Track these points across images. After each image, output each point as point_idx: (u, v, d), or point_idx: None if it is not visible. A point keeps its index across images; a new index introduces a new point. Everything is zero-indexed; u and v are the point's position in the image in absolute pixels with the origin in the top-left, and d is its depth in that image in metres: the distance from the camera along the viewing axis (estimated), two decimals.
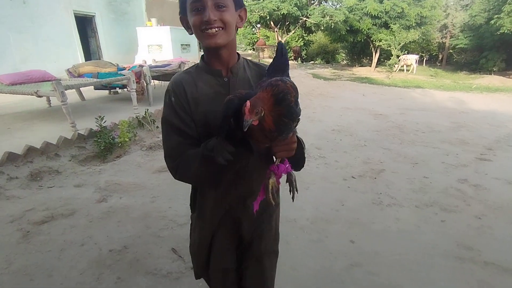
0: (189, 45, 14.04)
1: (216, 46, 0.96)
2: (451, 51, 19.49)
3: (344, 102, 8.48)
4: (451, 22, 18.57)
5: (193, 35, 0.99)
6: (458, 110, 7.73)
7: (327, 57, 24.75)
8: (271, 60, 1.02)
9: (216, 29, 0.93)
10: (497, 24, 13.69)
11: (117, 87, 6.76)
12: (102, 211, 2.78)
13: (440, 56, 20.93)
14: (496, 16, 13.97)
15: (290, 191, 0.98)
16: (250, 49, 26.47)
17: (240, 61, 1.08)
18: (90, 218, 2.70)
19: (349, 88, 11.30)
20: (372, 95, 9.96)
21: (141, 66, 6.62)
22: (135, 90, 5.54)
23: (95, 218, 2.69)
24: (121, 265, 2.14)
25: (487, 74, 15.12)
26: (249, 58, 1.22)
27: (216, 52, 1.01)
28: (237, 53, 1.08)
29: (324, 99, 8.92)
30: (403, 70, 16.68)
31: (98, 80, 5.21)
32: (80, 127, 4.20)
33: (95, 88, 6.60)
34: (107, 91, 7.15)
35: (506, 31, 13.30)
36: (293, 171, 0.97)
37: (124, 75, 5.46)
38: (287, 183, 0.99)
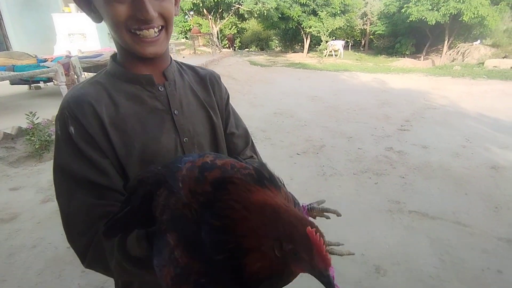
0: None
1: (155, 57, 0.68)
2: (371, 37, 21.43)
3: (282, 87, 8.89)
4: (370, 10, 20.34)
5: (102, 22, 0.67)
6: (381, 90, 8.69)
7: (261, 44, 25.28)
8: (206, 49, 0.80)
9: (156, 30, 0.65)
10: (406, 13, 15.42)
11: (41, 80, 6.12)
12: (50, 211, 2.63)
13: (363, 42, 22.88)
14: (405, 5, 15.71)
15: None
16: (183, 38, 25.66)
17: (173, 63, 0.79)
18: (37, 219, 2.54)
19: (285, 73, 11.82)
20: (306, 79, 10.58)
21: (68, 57, 6.08)
22: (64, 84, 5.12)
23: (43, 219, 2.54)
24: None
25: (401, 57, 17.04)
26: (182, 47, 0.88)
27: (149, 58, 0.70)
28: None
29: (264, 85, 9.23)
30: (331, 55, 17.88)
31: (17, 73, 4.69)
32: (1, 127, 3.78)
33: (12, 83, 5.86)
34: (26, 86, 6.42)
35: (414, 19, 15.08)
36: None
37: (49, 67, 4.99)
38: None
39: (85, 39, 11.98)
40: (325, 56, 17.40)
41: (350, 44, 22.89)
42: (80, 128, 0.64)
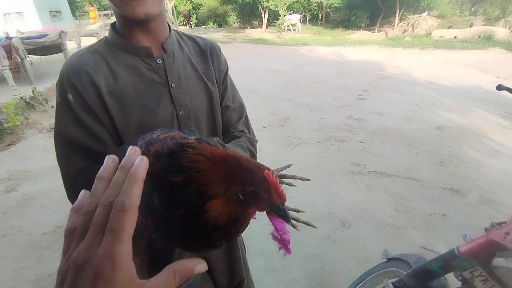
0: (59, 11, 12.06)
1: (146, 18, 0.67)
2: (328, 10, 21.65)
3: (244, 63, 8.84)
4: None
5: None
6: (339, 62, 8.98)
7: (219, 20, 24.49)
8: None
9: None
10: None
11: None
12: (16, 200, 2.54)
13: (320, 15, 23.08)
14: None
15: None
16: None
17: (172, 34, 0.79)
18: (2, 210, 2.45)
19: (246, 49, 11.70)
20: (267, 54, 10.59)
21: (8, 38, 5.56)
22: (8, 67, 4.73)
23: (9, 209, 2.45)
24: (61, 242, 2.09)
25: (357, 30, 17.51)
26: None
27: (143, 24, 0.70)
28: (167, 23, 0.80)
29: None
30: (290, 29, 17.90)
31: None
32: None
33: None
34: None
35: None
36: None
37: None
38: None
39: (22, 18, 10.89)
40: (284, 30, 17.39)
41: (307, 18, 22.99)
42: (78, 97, 0.66)
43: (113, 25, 0.75)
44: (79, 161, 0.67)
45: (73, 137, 0.67)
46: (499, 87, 0.84)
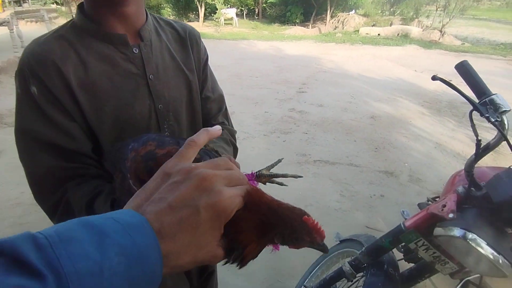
0: None
1: (123, 4, 0.62)
2: (264, 5, 22.04)
3: None
4: None
5: None
6: (278, 56, 9.22)
7: (152, 12, 23.28)
8: None
9: None
10: None
11: None
12: None
13: (256, 10, 23.39)
14: None
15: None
16: (52, 3, 21.66)
17: (149, 20, 0.72)
18: None
19: None
20: (206, 49, 10.40)
21: None
22: None
23: None
24: None
25: (293, 25, 18.16)
26: (55, 14, 0.74)
27: (117, 8, 0.63)
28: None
29: None
30: (227, 23, 17.81)
31: None
32: None
33: None
34: None
35: None
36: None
37: None
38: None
39: None
40: (222, 24, 17.25)
41: (244, 12, 23.12)
42: (43, 89, 0.58)
43: (80, 6, 0.66)
44: (48, 160, 0.60)
45: (40, 134, 0.59)
46: (434, 78, 0.93)
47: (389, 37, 13.30)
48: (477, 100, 0.97)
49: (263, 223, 0.40)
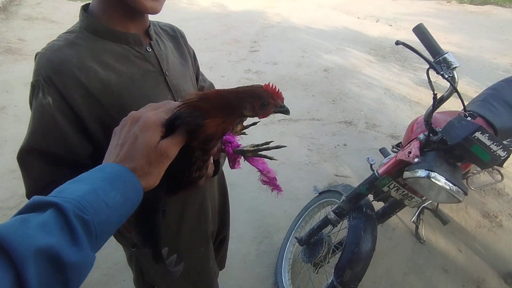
0: None
1: (152, 13, 0.65)
2: None
3: None
4: None
5: None
6: (223, 14, 8.83)
7: None
8: None
9: None
10: None
11: None
12: None
13: None
14: None
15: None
16: None
17: (149, 20, 0.76)
18: None
19: None
20: None
21: None
22: None
23: None
24: None
25: None
26: None
27: (137, 12, 0.65)
28: None
29: None
30: None
31: None
32: None
33: None
34: None
35: None
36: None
37: None
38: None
39: None
40: None
41: None
42: (59, 100, 0.59)
43: (85, 8, 0.66)
44: (56, 172, 0.61)
45: (50, 153, 0.60)
46: (397, 43, 1.04)
47: None
48: (432, 59, 1.11)
49: (227, 103, 0.49)
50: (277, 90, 0.50)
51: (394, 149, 2.01)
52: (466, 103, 1.16)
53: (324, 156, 2.76)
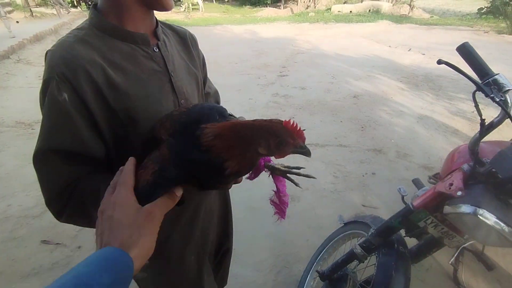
0: None
1: (170, 9, 0.68)
2: None
3: None
4: None
5: None
6: (254, 40, 9.08)
7: None
8: (46, 10, 0.66)
9: None
10: None
11: None
12: None
13: None
14: None
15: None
16: None
17: (157, 20, 0.77)
18: None
19: None
20: None
21: None
22: None
23: None
24: None
25: (264, 7, 17.88)
26: (9, 8, 0.82)
27: (147, 11, 0.68)
28: None
29: None
30: (195, 8, 17.23)
31: None
32: None
33: None
34: None
35: None
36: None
37: None
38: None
39: None
40: (185, 10, 16.66)
41: None
42: (74, 95, 0.58)
43: (95, 7, 0.67)
44: (70, 170, 0.61)
45: (66, 148, 0.59)
46: (439, 62, 0.95)
47: (361, 14, 13.38)
48: (479, 81, 0.99)
49: (242, 139, 0.45)
50: (298, 128, 0.46)
51: (432, 180, 1.84)
52: None
53: (350, 185, 2.61)
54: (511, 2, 9.98)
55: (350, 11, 13.88)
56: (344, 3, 15.20)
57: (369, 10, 13.71)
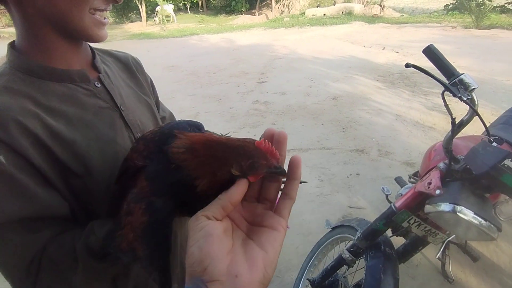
0: None
1: (104, 39, 0.59)
2: None
3: None
4: None
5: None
6: (231, 48, 9.12)
7: None
8: (14, 30, 0.57)
9: (109, 10, 0.58)
10: None
11: None
12: None
13: (200, 3, 22.83)
14: None
15: None
16: None
17: (94, 51, 0.69)
18: None
19: (130, 46, 10.81)
20: (156, 49, 10.02)
21: None
22: None
23: None
24: None
25: (239, 15, 18.03)
26: None
27: (77, 43, 0.60)
28: None
29: None
30: (168, 20, 17.18)
31: None
32: None
33: None
34: None
35: None
36: None
37: None
38: None
39: None
40: (159, 22, 16.58)
41: (188, 6, 22.49)
42: (11, 154, 0.48)
43: (13, 46, 0.56)
44: (15, 237, 0.50)
45: (9, 213, 0.48)
46: (407, 65, 0.97)
47: (334, 16, 13.69)
48: (446, 81, 1.02)
49: (214, 157, 0.43)
50: (271, 148, 0.43)
51: (412, 180, 1.87)
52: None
53: (336, 187, 2.63)
54: None
55: (324, 14, 14.18)
56: (317, 6, 15.51)
57: (342, 12, 14.05)
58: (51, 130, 0.53)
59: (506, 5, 11.02)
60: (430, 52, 1.04)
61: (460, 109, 1.18)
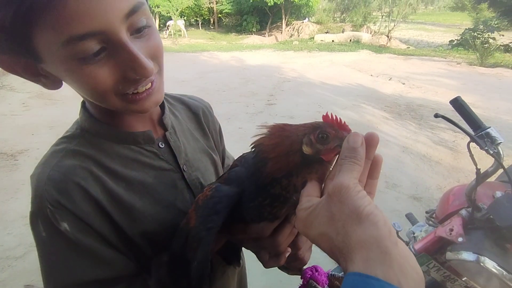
0: None
1: (156, 106, 0.54)
2: (219, 15, 22.16)
3: None
4: None
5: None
6: (241, 67, 9.30)
7: None
8: None
9: (150, 80, 0.50)
10: None
11: None
12: None
13: (212, 20, 23.43)
14: None
15: None
16: None
17: (164, 104, 0.65)
18: None
19: None
20: (167, 62, 9.86)
21: None
22: None
23: None
24: None
25: (250, 34, 18.46)
26: None
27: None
28: None
29: None
30: (180, 35, 17.58)
31: None
32: None
33: None
34: None
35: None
36: None
37: None
38: None
39: None
40: (171, 36, 16.97)
41: (200, 22, 23.06)
42: (75, 221, 0.49)
43: (84, 106, 0.57)
44: None
45: (82, 278, 0.50)
46: (436, 115, 1.01)
47: (342, 43, 14.01)
48: (472, 132, 1.06)
49: (286, 137, 0.45)
50: (337, 119, 0.43)
51: (431, 222, 1.88)
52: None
53: None
54: (479, 36, 10.78)
55: (333, 41, 14.52)
56: (326, 32, 15.91)
57: (350, 40, 14.40)
58: (112, 194, 0.53)
59: (510, 44, 11.31)
60: (458, 104, 1.09)
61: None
